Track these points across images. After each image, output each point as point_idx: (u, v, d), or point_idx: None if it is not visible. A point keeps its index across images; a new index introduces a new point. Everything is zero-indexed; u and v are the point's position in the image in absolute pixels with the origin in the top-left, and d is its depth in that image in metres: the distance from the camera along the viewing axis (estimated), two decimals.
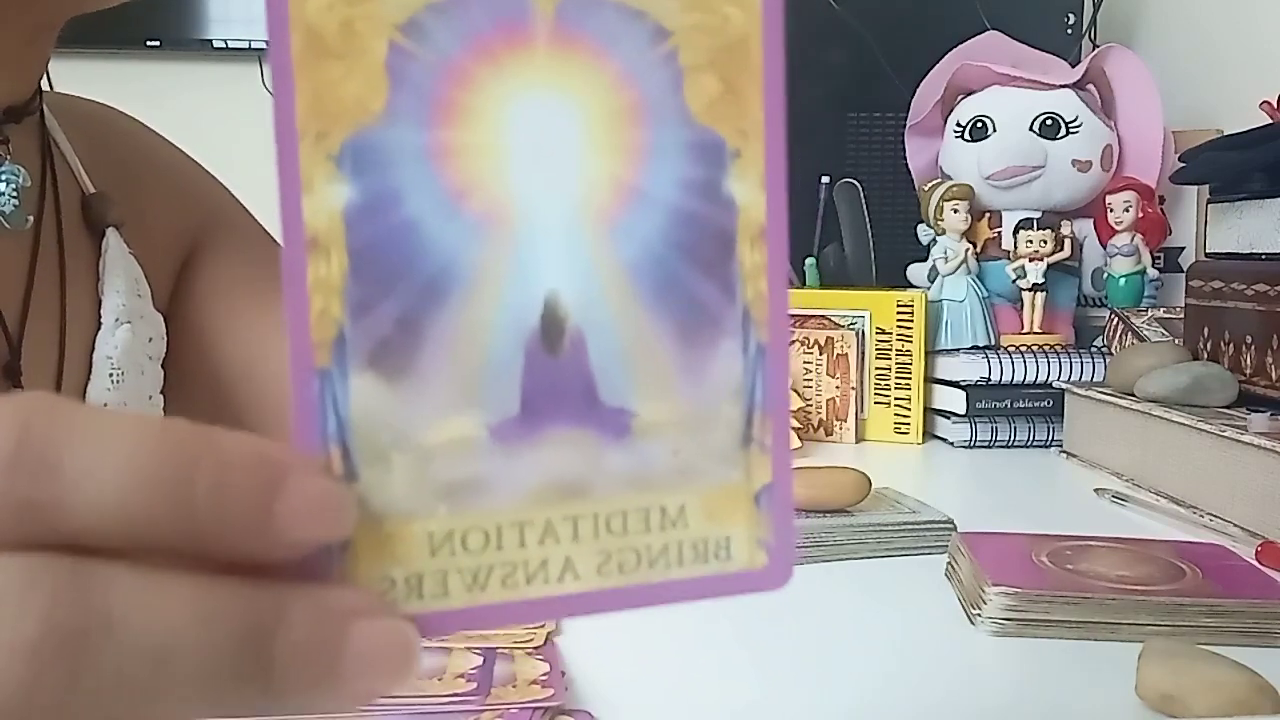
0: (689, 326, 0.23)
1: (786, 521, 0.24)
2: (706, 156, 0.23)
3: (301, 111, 0.20)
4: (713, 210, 0.23)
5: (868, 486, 0.67)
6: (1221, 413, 0.76)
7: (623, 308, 0.22)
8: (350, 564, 0.21)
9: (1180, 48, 1.34)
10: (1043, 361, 1.02)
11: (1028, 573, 0.53)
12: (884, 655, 0.50)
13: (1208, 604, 0.50)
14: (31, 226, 0.55)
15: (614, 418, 0.22)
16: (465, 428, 0.22)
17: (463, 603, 0.22)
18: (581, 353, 0.22)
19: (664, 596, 0.23)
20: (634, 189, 0.22)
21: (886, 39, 1.24)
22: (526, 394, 0.22)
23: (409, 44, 0.21)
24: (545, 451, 0.22)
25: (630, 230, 0.22)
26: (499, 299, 0.22)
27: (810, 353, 1.07)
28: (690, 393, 0.23)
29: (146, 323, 0.59)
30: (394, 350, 0.21)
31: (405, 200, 0.21)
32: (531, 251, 0.22)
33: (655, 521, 0.23)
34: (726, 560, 0.23)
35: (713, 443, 0.23)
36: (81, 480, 0.18)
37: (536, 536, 0.22)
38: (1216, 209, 0.87)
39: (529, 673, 0.43)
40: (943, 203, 1.07)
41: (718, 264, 0.23)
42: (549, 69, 0.21)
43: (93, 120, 0.64)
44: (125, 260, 0.59)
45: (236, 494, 0.19)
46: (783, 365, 0.23)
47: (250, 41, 1.97)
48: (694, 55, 0.22)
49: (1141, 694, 0.42)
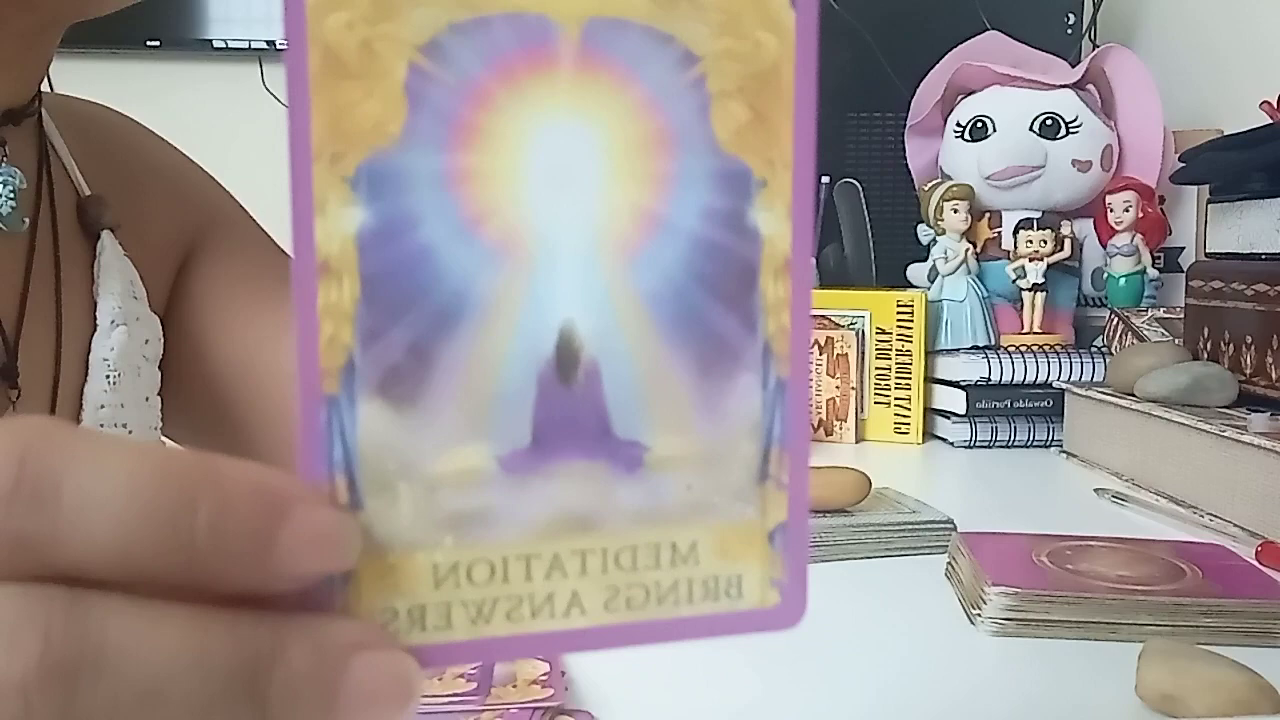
0: (707, 359, 0.22)
1: (801, 560, 0.23)
2: (732, 186, 0.22)
3: (317, 132, 0.20)
4: (736, 241, 0.22)
5: (868, 486, 0.67)
6: (1221, 413, 0.76)
7: (640, 339, 0.22)
8: (352, 594, 0.21)
9: (1180, 48, 1.34)
10: (1043, 361, 1.02)
11: (1028, 573, 0.53)
12: (884, 655, 0.50)
13: (1208, 604, 0.50)
14: (27, 229, 0.55)
15: (627, 451, 0.22)
16: (474, 458, 0.21)
17: (466, 635, 0.21)
18: (596, 384, 0.22)
19: (672, 634, 0.23)
20: (656, 218, 0.22)
21: (886, 39, 1.24)
22: (538, 425, 0.21)
23: (429, 65, 0.20)
24: (555, 484, 0.22)
25: (650, 260, 0.22)
26: (513, 327, 0.21)
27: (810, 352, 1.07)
28: (706, 427, 0.22)
29: (143, 325, 0.59)
30: (404, 378, 0.21)
31: (420, 225, 0.20)
32: (548, 279, 0.21)
33: (666, 558, 0.22)
34: (737, 599, 0.23)
35: (727, 479, 0.23)
36: (80, 513, 0.18)
37: (543, 570, 0.22)
38: (1216, 209, 0.87)
39: (529, 673, 0.43)
40: (943, 203, 1.07)
41: (740, 296, 0.22)
42: (572, 93, 0.21)
43: (91, 122, 0.64)
44: (121, 263, 0.59)
45: (238, 527, 0.18)
46: (803, 401, 0.23)
47: (250, 41, 1.97)
48: (723, 82, 0.22)
49: (1141, 694, 0.42)
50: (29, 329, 0.54)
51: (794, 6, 0.22)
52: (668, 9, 0.21)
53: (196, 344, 0.64)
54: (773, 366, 0.23)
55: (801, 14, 0.22)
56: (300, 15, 0.19)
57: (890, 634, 0.52)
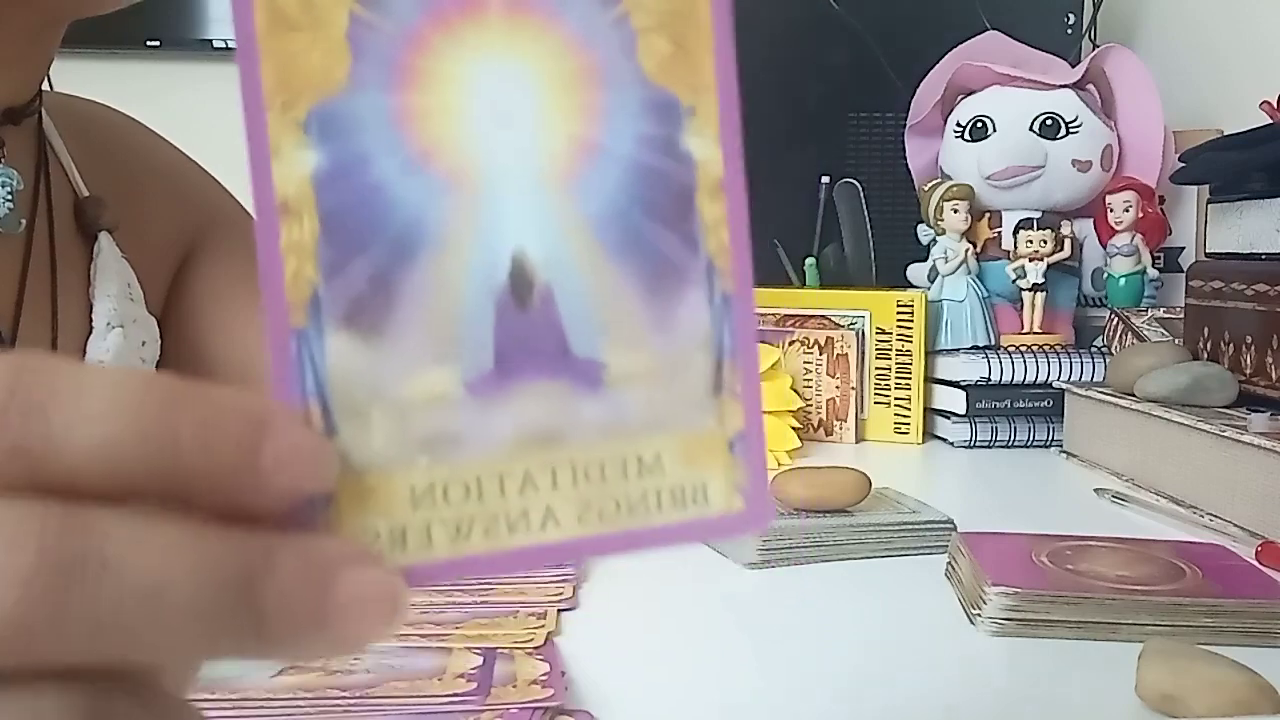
0: (655, 278, 0.23)
1: (760, 466, 0.24)
2: (662, 114, 0.23)
3: (267, 83, 0.21)
4: (671, 165, 0.23)
5: (868, 486, 0.67)
6: (1221, 413, 0.76)
7: (589, 262, 0.23)
8: (334, 517, 0.21)
9: (1180, 48, 1.34)
10: (1043, 361, 1.02)
11: (1028, 573, 0.53)
12: (884, 655, 0.50)
13: (1208, 604, 0.50)
14: (24, 230, 0.55)
15: (587, 369, 0.23)
16: (441, 382, 0.22)
17: (447, 554, 0.22)
18: (551, 307, 0.23)
19: (645, 542, 0.23)
20: (594, 147, 0.23)
21: (886, 39, 1.23)
22: (499, 348, 0.22)
23: (369, 14, 0.22)
24: (520, 403, 0.23)
25: (592, 187, 0.23)
26: (468, 256, 0.22)
27: (810, 353, 1.07)
28: (660, 343, 0.23)
29: (139, 326, 0.59)
30: (368, 308, 0.22)
31: (372, 163, 0.22)
32: (497, 209, 0.22)
33: (633, 469, 0.23)
34: (705, 505, 0.24)
35: (685, 391, 0.24)
36: (70, 425, 0.19)
37: (516, 487, 0.23)
38: (1216, 209, 0.87)
39: (529, 673, 0.43)
40: (943, 203, 1.07)
41: (679, 217, 0.23)
42: (504, 35, 0.22)
43: (91, 122, 0.64)
44: (118, 264, 0.58)
45: (222, 439, 0.19)
46: (749, 314, 0.24)
47: None
48: (645, 18, 0.23)
49: (1141, 694, 0.42)
50: (25, 330, 0.54)
51: None
52: None
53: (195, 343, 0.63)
54: (717, 282, 0.24)
55: None
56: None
57: (890, 634, 0.52)
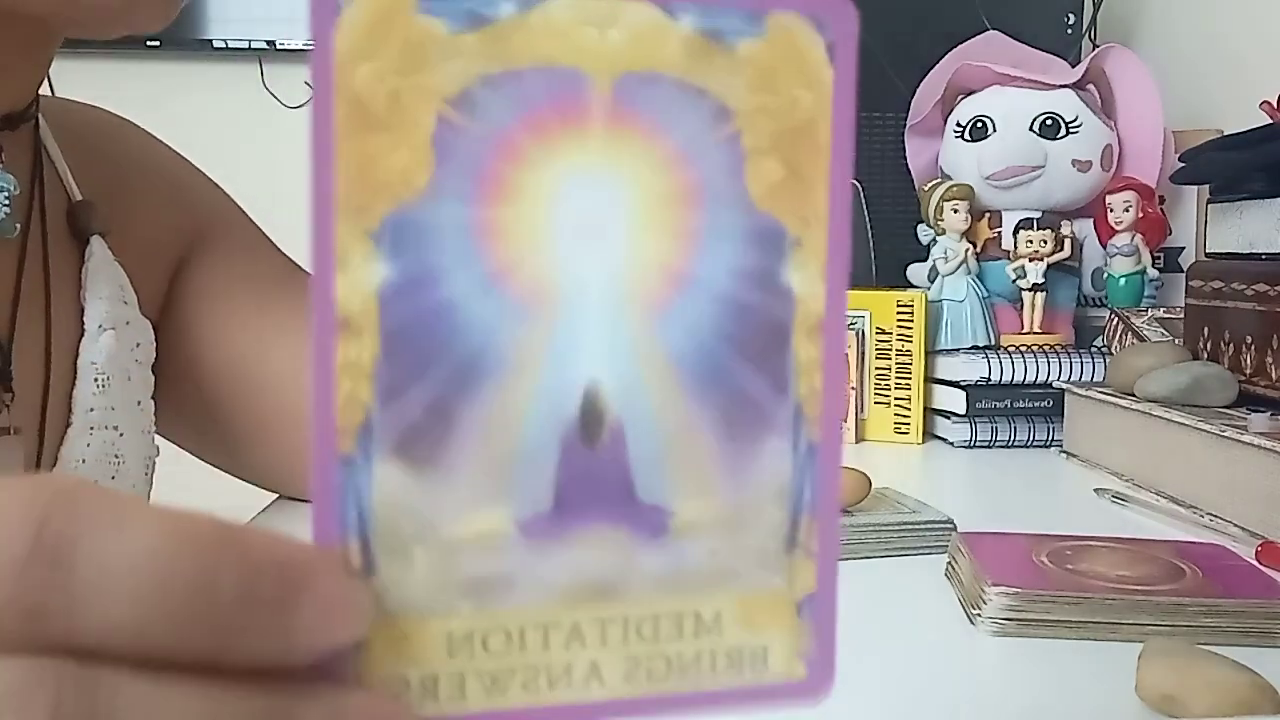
0: (735, 421, 0.22)
1: (829, 632, 0.23)
2: (765, 244, 0.21)
3: (342, 184, 0.19)
4: (768, 301, 0.22)
5: (868, 486, 0.67)
6: (1221, 413, 0.76)
7: (666, 400, 0.21)
8: (365, 663, 0.20)
9: (1180, 48, 1.34)
10: (1043, 361, 1.02)
11: (1028, 573, 0.53)
12: (884, 655, 0.50)
13: (1208, 604, 0.50)
14: (19, 234, 0.55)
15: (651, 516, 0.21)
16: (493, 522, 0.20)
17: (480, 707, 0.21)
18: (620, 446, 0.21)
19: (694, 706, 0.22)
20: (684, 275, 0.21)
21: (886, 39, 1.23)
22: (560, 487, 0.21)
23: (458, 117, 0.20)
24: (576, 549, 0.21)
25: (678, 318, 0.21)
26: (536, 386, 0.20)
27: None
28: (733, 492, 0.22)
29: (133, 329, 0.59)
30: (423, 438, 0.20)
31: (444, 279, 0.20)
32: (573, 337, 0.20)
33: (689, 628, 0.22)
34: (763, 671, 0.22)
35: (754, 546, 0.22)
36: (97, 587, 0.18)
37: (562, 639, 0.21)
38: (1216, 209, 0.87)
39: None
40: (943, 203, 1.07)
41: (770, 357, 0.22)
42: (603, 147, 0.20)
43: (87, 126, 0.64)
44: (111, 267, 0.58)
45: (260, 602, 0.18)
46: (834, 466, 0.22)
47: (250, 41, 1.97)
48: (758, 138, 0.21)
49: (1141, 694, 0.42)
50: (20, 333, 0.54)
51: (832, 63, 0.21)
52: (703, 63, 0.21)
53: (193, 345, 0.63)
54: (804, 430, 0.22)
55: (839, 70, 0.21)
56: (328, 64, 0.19)
57: (890, 634, 0.52)
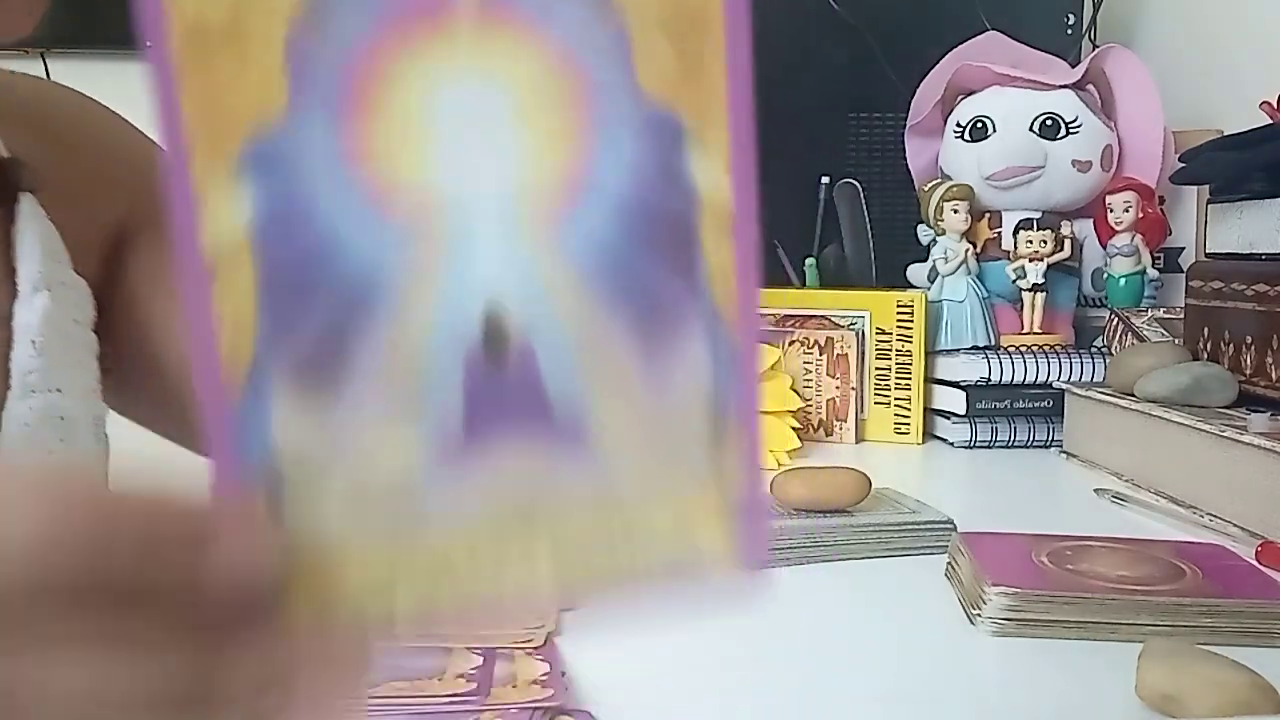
0: (650, 328, 0.20)
1: (760, 531, 0.22)
2: (661, 138, 0.20)
3: (190, 118, 0.18)
4: (671, 199, 0.20)
5: (868, 486, 0.67)
6: (1221, 413, 0.76)
7: (575, 310, 0.20)
8: (291, 604, 0.20)
9: (1180, 48, 1.34)
10: (1043, 361, 1.02)
11: (1028, 573, 0.53)
12: (884, 655, 0.50)
13: (1208, 604, 0.50)
14: None
15: (569, 428, 0.20)
16: (403, 446, 0.20)
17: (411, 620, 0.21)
18: (530, 361, 0.20)
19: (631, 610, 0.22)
20: (579, 178, 0.20)
21: (886, 39, 1.23)
22: (470, 408, 0.20)
23: (309, 29, 0.18)
24: (495, 468, 0.20)
25: (578, 224, 0.20)
26: (434, 308, 0.19)
27: (810, 353, 1.07)
28: (653, 400, 0.21)
29: (69, 289, 0.58)
30: (318, 371, 0.19)
31: (318, 208, 0.19)
32: (467, 255, 0.19)
33: (619, 538, 0.21)
34: (697, 573, 0.22)
35: (679, 452, 0.21)
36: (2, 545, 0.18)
37: (490, 560, 0.20)
38: (1216, 209, 0.87)
39: (529, 673, 0.43)
40: (943, 203, 1.07)
41: (680, 259, 0.20)
42: (474, 47, 0.19)
43: (36, 95, 0.63)
44: (42, 225, 0.57)
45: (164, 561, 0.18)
46: (753, 369, 0.21)
47: None
48: (644, 21, 0.19)
49: (1141, 694, 0.42)
50: None
51: None
52: None
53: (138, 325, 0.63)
54: (722, 333, 0.21)
55: None
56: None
57: (890, 634, 0.52)
